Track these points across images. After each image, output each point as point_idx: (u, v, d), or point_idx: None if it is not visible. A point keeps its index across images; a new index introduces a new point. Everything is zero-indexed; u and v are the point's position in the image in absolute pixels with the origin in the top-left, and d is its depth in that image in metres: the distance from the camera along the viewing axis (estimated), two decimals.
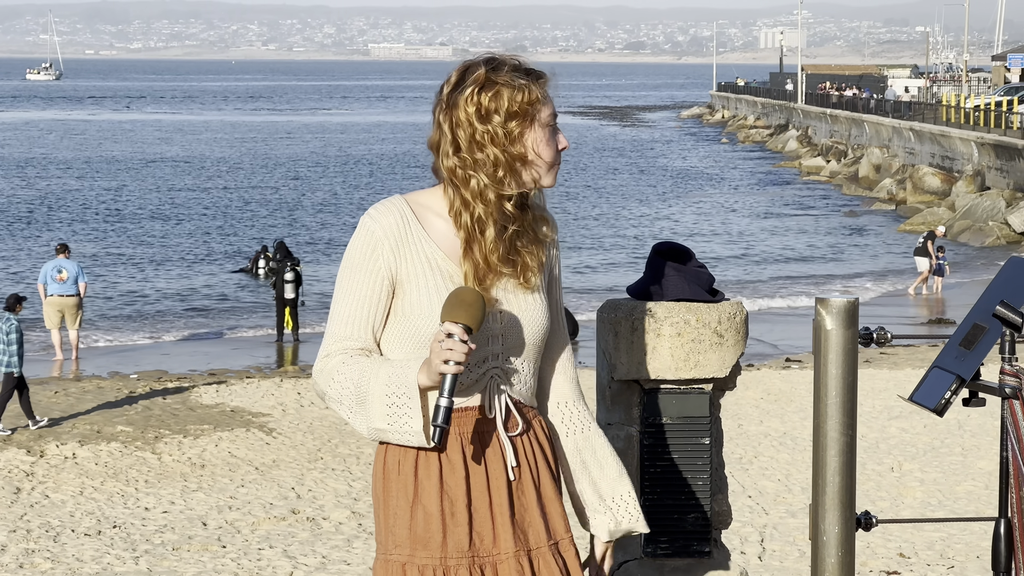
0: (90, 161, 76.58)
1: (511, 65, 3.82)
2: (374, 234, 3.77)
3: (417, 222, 3.80)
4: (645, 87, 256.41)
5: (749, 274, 37.59)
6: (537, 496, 3.85)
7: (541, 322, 3.87)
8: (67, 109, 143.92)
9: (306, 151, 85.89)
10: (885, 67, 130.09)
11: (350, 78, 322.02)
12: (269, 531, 13.43)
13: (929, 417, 17.89)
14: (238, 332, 29.12)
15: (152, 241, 43.82)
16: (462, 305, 3.54)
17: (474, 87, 3.77)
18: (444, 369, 3.53)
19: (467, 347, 3.52)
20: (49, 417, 18.45)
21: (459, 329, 3.52)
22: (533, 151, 3.77)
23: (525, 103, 3.77)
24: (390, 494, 3.81)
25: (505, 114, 3.76)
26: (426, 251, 3.78)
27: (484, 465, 3.80)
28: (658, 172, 70.92)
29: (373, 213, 3.81)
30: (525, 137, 3.77)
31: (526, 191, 3.84)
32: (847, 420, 4.67)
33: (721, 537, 4.85)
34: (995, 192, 45.73)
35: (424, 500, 3.76)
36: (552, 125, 3.81)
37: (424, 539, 3.76)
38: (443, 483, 3.77)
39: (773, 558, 12.29)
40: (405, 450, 3.78)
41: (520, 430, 3.83)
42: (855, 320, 4.62)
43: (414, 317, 3.76)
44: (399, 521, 3.79)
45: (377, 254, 3.77)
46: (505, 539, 3.79)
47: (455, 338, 3.53)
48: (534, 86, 3.79)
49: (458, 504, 3.76)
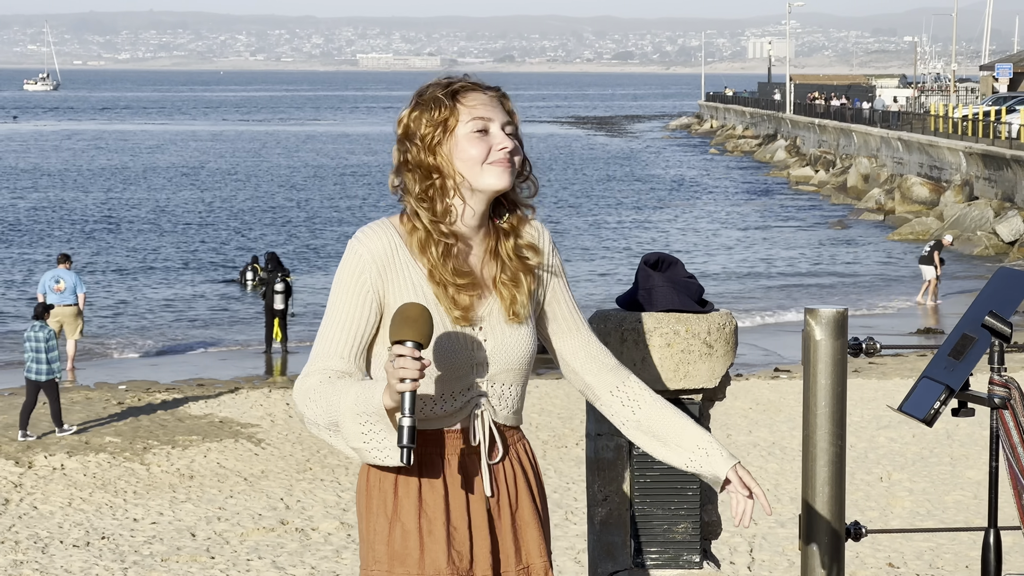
0: (84, 171, 76.52)
1: (443, 82, 3.89)
2: (361, 258, 3.80)
3: (404, 246, 3.83)
4: (633, 97, 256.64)
5: (737, 284, 37.59)
6: (512, 521, 3.87)
7: (527, 349, 3.88)
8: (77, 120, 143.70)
9: (298, 162, 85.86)
10: (873, 77, 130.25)
11: (339, 88, 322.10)
12: (258, 542, 13.40)
13: (918, 427, 17.88)
14: (227, 343, 29.08)
15: (142, 251, 43.76)
16: (407, 322, 3.53)
17: (406, 110, 3.89)
18: (401, 387, 3.52)
19: (420, 363, 3.51)
20: (39, 431, 18.42)
21: (408, 348, 3.51)
22: (461, 159, 3.80)
23: (435, 118, 3.82)
24: (371, 511, 3.85)
25: (423, 131, 3.83)
26: (412, 276, 3.81)
27: (464, 486, 3.82)
28: (646, 182, 70.95)
29: (361, 237, 3.84)
30: (445, 150, 3.81)
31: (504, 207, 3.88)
32: (836, 430, 4.68)
33: (711, 547, 4.85)
34: (983, 202, 45.80)
35: (403, 517, 3.79)
36: (484, 130, 3.82)
37: (402, 556, 3.78)
38: (422, 501, 3.79)
39: (762, 568, 12.29)
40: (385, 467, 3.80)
41: (500, 458, 3.86)
42: (844, 330, 4.63)
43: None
44: (378, 537, 3.82)
45: (364, 277, 3.79)
46: (482, 562, 3.82)
47: (406, 356, 3.51)
48: (452, 100, 3.83)
49: (436, 522, 3.78)
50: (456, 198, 3.84)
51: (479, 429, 3.82)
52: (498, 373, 3.84)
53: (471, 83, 3.88)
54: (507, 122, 3.86)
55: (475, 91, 3.85)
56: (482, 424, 3.82)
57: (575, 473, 15.77)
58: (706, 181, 71.36)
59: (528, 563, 3.88)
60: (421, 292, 3.79)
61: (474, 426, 3.82)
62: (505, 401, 3.87)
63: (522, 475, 3.90)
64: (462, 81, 3.88)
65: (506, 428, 3.89)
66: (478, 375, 3.82)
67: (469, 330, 3.81)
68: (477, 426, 3.82)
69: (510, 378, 3.87)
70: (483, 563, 3.82)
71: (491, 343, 3.83)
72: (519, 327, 3.86)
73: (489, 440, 3.84)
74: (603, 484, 4.74)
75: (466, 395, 3.81)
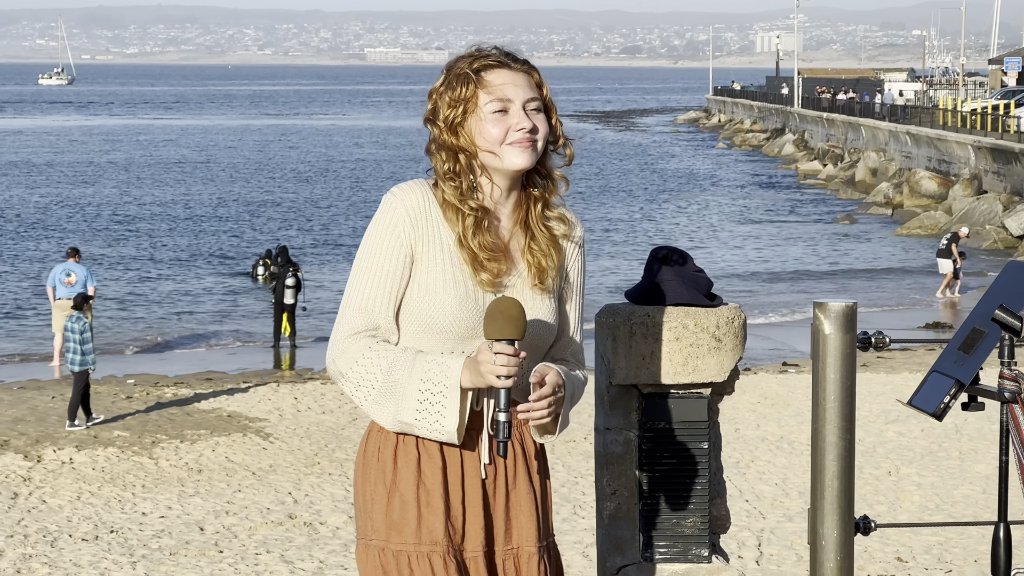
0: (100, 165, 76.66)
1: (471, 56, 3.88)
2: (396, 211, 3.81)
3: (437, 205, 3.84)
4: (641, 91, 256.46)
5: (745, 278, 37.56)
6: (506, 502, 3.87)
7: (548, 324, 3.88)
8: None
9: (311, 156, 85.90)
10: (882, 71, 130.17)
11: (347, 83, 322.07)
12: (266, 536, 13.41)
13: (927, 421, 17.88)
14: (235, 337, 29.08)
15: (153, 245, 43.79)
16: (509, 320, 3.60)
17: (435, 83, 3.89)
18: (502, 384, 3.59)
19: (519, 359, 3.60)
20: (45, 422, 18.44)
21: (511, 347, 3.59)
22: (483, 139, 3.81)
23: (456, 97, 3.82)
24: (368, 480, 3.85)
25: (447, 110, 3.83)
26: (440, 232, 3.82)
27: (461, 460, 3.82)
28: (655, 176, 70.91)
29: (396, 191, 3.85)
30: (468, 129, 3.82)
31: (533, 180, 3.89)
32: (845, 424, 4.67)
33: (720, 541, 4.85)
34: (992, 196, 45.74)
35: (401, 487, 3.80)
36: (504, 110, 3.81)
37: (399, 525, 3.79)
38: (420, 472, 3.80)
39: (771, 562, 12.28)
40: (385, 437, 3.81)
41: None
42: (853, 324, 4.62)
43: (422, 300, 3.79)
44: (376, 506, 3.83)
45: (399, 231, 3.80)
46: (474, 537, 3.82)
47: (508, 355, 3.59)
48: (475, 78, 3.82)
49: (434, 494, 3.79)
50: (483, 176, 3.85)
51: (487, 399, 3.82)
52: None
53: (497, 59, 3.86)
54: (531, 99, 3.85)
55: (500, 68, 3.84)
56: (490, 394, 3.82)
57: (583, 467, 15.76)
58: (714, 175, 71.33)
59: (517, 545, 3.87)
60: (450, 253, 3.80)
61: (482, 396, 3.82)
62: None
63: (522, 457, 3.89)
64: (488, 57, 3.86)
65: (514, 407, 3.85)
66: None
67: (488, 293, 3.81)
68: (485, 396, 3.82)
69: (529, 353, 3.84)
70: (475, 539, 3.82)
71: None
72: (544, 298, 3.87)
73: (492, 414, 3.83)
74: (612, 478, 4.74)
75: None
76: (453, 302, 3.77)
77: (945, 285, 33.38)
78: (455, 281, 3.78)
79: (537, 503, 3.91)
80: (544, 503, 3.95)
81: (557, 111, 3.94)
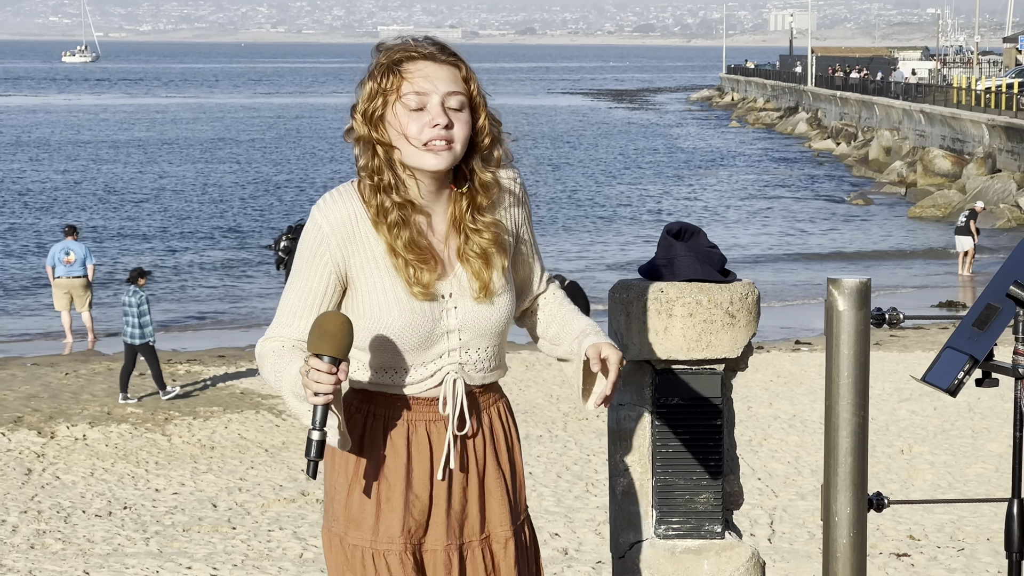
0: (122, 143, 76.76)
1: (391, 46, 3.74)
2: (321, 229, 3.69)
3: (366, 215, 3.69)
4: (655, 69, 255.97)
5: (760, 255, 37.53)
6: (480, 489, 3.81)
7: (502, 317, 3.78)
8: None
9: (331, 133, 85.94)
10: (895, 49, 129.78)
11: (362, 60, 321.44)
12: (279, 513, 13.44)
13: (939, 400, 17.86)
14: (248, 314, 29.11)
15: (170, 222, 43.86)
16: (324, 336, 3.46)
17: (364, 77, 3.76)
18: (314, 400, 3.49)
19: (333, 377, 3.46)
20: (58, 399, 18.49)
21: (323, 363, 3.46)
22: (397, 134, 3.65)
23: (373, 92, 3.67)
24: (334, 469, 3.83)
25: (363, 105, 3.69)
26: (373, 248, 3.69)
27: (430, 452, 3.76)
28: (668, 153, 70.81)
29: (322, 206, 3.72)
30: (383, 124, 3.66)
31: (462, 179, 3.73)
32: (859, 400, 4.66)
33: (733, 518, 4.84)
34: (1006, 174, 45.63)
35: (362, 481, 3.75)
36: (420, 107, 3.64)
37: (358, 520, 3.75)
38: (384, 467, 3.74)
39: (783, 540, 12.28)
40: (351, 426, 3.76)
41: (468, 432, 3.78)
42: (867, 301, 4.61)
43: (367, 318, 3.71)
44: (337, 498, 3.80)
45: (323, 249, 3.69)
46: (436, 532, 3.76)
47: (321, 372, 3.46)
48: (393, 71, 3.67)
49: (395, 490, 3.73)
50: (406, 172, 3.69)
51: (449, 400, 3.74)
52: (472, 339, 3.76)
53: (422, 50, 3.69)
54: (452, 93, 3.65)
55: (423, 60, 3.67)
56: (452, 395, 3.75)
57: (595, 445, 15.77)
58: (728, 152, 71.21)
59: (489, 531, 3.83)
60: (383, 264, 3.68)
61: (445, 396, 3.74)
62: (481, 364, 3.79)
63: (491, 443, 3.83)
64: (413, 48, 3.69)
65: (481, 392, 3.81)
66: (449, 343, 3.74)
67: (435, 302, 3.71)
68: (448, 397, 3.74)
69: (485, 342, 3.78)
70: (437, 533, 3.76)
71: (461, 312, 3.74)
72: (488, 303, 3.76)
73: (459, 412, 3.76)
74: (625, 454, 4.74)
75: (437, 363, 3.74)
76: (398, 320, 3.67)
77: (970, 262, 33.25)
78: (396, 298, 3.67)
79: (507, 484, 3.85)
80: (514, 481, 3.88)
81: (487, 107, 3.75)
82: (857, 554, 4.72)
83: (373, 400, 3.77)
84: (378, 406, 3.76)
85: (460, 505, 3.78)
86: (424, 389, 3.74)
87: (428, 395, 3.75)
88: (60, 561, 11.74)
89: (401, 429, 3.75)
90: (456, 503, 3.78)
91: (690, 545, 4.72)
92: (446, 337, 3.73)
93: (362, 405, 3.77)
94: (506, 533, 3.84)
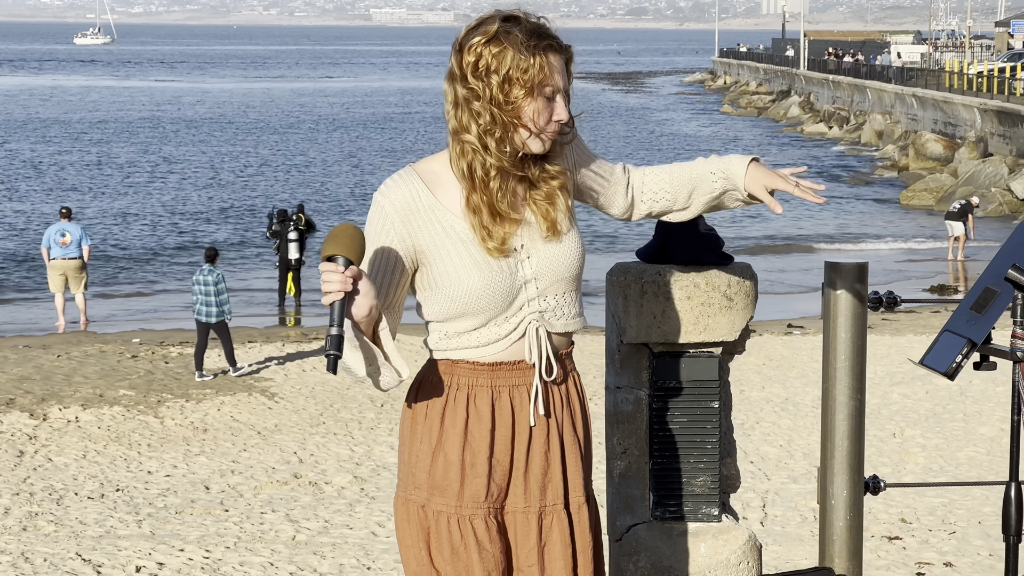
0: (116, 123, 76.71)
1: (529, 28, 3.78)
2: (383, 209, 3.81)
3: (428, 191, 3.81)
4: (648, 52, 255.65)
5: (756, 239, 37.54)
6: (561, 453, 3.90)
7: (574, 259, 3.89)
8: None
9: (328, 114, 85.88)
10: (888, 33, 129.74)
11: (354, 43, 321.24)
12: (271, 495, 13.43)
13: (931, 383, 17.88)
14: (240, 296, 29.08)
15: (162, 207, 43.82)
16: (334, 239, 3.58)
17: (482, 38, 3.76)
18: (327, 299, 3.57)
19: (342, 276, 3.54)
20: (51, 381, 18.47)
21: (332, 264, 3.57)
22: (527, 118, 3.76)
23: (523, 71, 3.73)
24: (415, 437, 3.88)
25: (503, 76, 3.73)
26: (440, 218, 3.80)
27: (512, 418, 3.84)
28: (662, 137, 70.81)
29: (384, 189, 3.84)
30: (519, 104, 3.75)
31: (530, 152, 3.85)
32: (856, 384, 4.66)
33: (730, 501, 4.84)
34: (998, 159, 45.63)
35: (447, 448, 3.83)
36: (552, 97, 3.77)
37: (442, 486, 3.82)
38: (467, 433, 3.82)
39: (775, 523, 12.30)
40: (434, 396, 3.85)
41: (556, 378, 3.87)
42: (865, 284, 4.61)
43: (446, 287, 3.80)
44: (420, 465, 3.85)
45: (388, 228, 3.80)
46: (516, 495, 3.86)
47: (331, 272, 3.56)
48: (539, 56, 3.74)
49: (479, 455, 3.82)
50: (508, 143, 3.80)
51: (534, 347, 3.84)
52: (549, 286, 3.86)
53: (553, 41, 3.80)
54: (567, 88, 3.83)
55: (553, 53, 3.79)
56: (537, 341, 3.84)
57: None
58: (722, 135, 71.17)
59: (568, 496, 3.91)
60: (452, 232, 3.79)
61: (529, 345, 3.84)
62: (562, 310, 3.89)
63: (568, 409, 3.92)
64: (548, 38, 3.79)
65: (562, 351, 3.90)
66: (528, 293, 3.84)
67: (509, 257, 3.81)
68: (532, 345, 3.84)
69: (562, 287, 3.88)
70: (515, 496, 3.86)
71: (535, 260, 3.84)
72: (559, 242, 3.87)
73: (545, 360, 3.85)
74: (622, 437, 4.73)
75: (519, 315, 3.83)
76: (478, 282, 3.77)
77: (962, 247, 33.24)
78: (474, 262, 3.78)
79: (581, 450, 3.94)
80: (588, 448, 3.98)
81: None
82: (853, 537, 4.73)
83: (456, 370, 3.85)
84: (461, 376, 3.84)
85: (541, 469, 3.86)
86: (508, 345, 3.83)
87: (511, 357, 3.84)
88: (52, 543, 11.74)
89: (485, 396, 3.83)
90: (536, 467, 3.86)
91: (687, 528, 4.72)
92: (524, 288, 3.82)
93: (445, 375, 3.86)
94: (580, 498, 3.92)
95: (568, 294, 3.89)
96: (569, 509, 3.90)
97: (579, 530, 3.91)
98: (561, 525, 3.88)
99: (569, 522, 3.90)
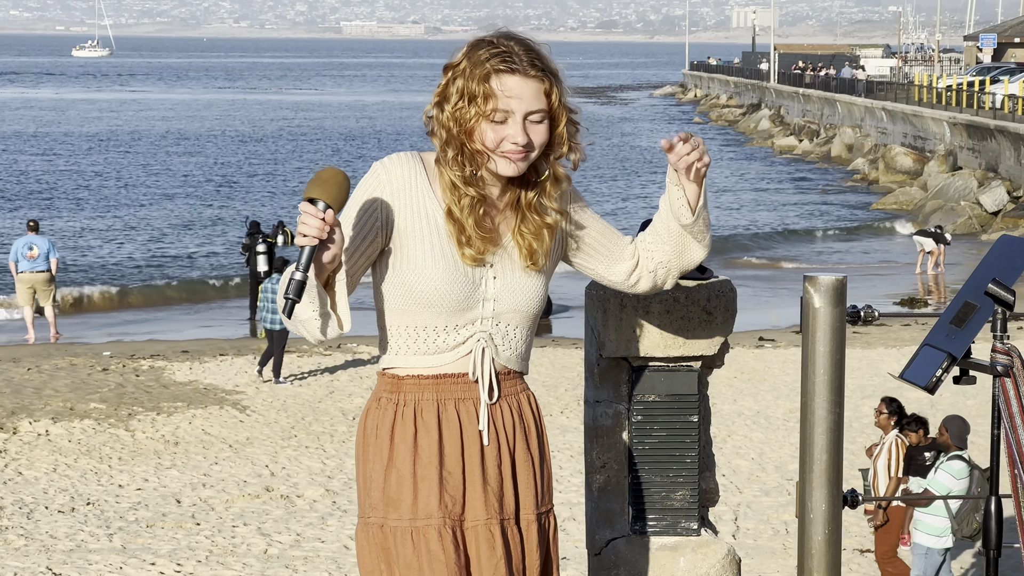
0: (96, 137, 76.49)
1: (494, 52, 3.81)
2: (379, 178, 3.84)
3: (426, 177, 3.86)
4: (618, 66, 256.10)
5: (733, 252, 37.62)
6: (512, 467, 3.90)
7: (535, 297, 3.92)
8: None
9: (303, 127, 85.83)
10: (857, 47, 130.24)
11: (324, 56, 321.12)
12: (243, 508, 13.39)
13: (902, 396, 17.91)
14: (211, 309, 29.00)
15: (136, 218, 43.71)
16: (317, 182, 3.59)
17: (451, 62, 3.84)
18: (301, 242, 3.57)
19: (320, 220, 3.54)
20: (21, 394, 18.38)
21: (312, 207, 3.56)
22: (478, 139, 3.79)
23: (471, 94, 3.77)
24: (368, 458, 3.89)
25: (456, 98, 3.79)
26: (427, 205, 3.83)
27: (460, 430, 3.85)
28: (633, 151, 70.91)
29: (386, 161, 3.88)
30: (471, 126, 3.79)
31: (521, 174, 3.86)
32: (835, 397, 4.66)
33: (709, 515, 4.84)
34: (967, 172, 45.80)
35: (398, 463, 3.84)
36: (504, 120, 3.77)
37: (396, 501, 3.83)
38: (417, 447, 3.84)
39: (747, 536, 12.31)
40: (383, 414, 3.87)
41: (497, 398, 3.88)
42: (843, 298, 4.61)
43: (408, 272, 3.82)
44: (374, 484, 3.87)
45: (375, 194, 3.83)
46: (475, 506, 3.86)
47: (309, 214, 3.55)
48: (489, 82, 3.77)
49: (430, 467, 3.82)
50: (483, 168, 3.83)
51: (478, 364, 3.85)
52: (504, 312, 3.87)
53: (513, 64, 3.79)
54: (534, 111, 3.80)
55: (513, 74, 3.78)
56: (482, 360, 3.85)
57: (559, 441, 15.77)
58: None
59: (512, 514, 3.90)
60: (434, 223, 3.82)
61: (475, 362, 3.85)
62: (509, 342, 3.90)
63: (520, 424, 3.92)
64: (506, 58, 3.80)
65: (508, 375, 3.91)
66: (484, 311, 3.85)
67: (479, 268, 3.84)
68: (477, 361, 3.85)
69: (516, 320, 3.90)
70: (475, 509, 3.85)
71: (500, 282, 3.86)
72: (532, 276, 3.90)
73: (488, 380, 3.86)
74: (601, 451, 4.72)
75: (469, 330, 3.85)
76: (442, 276, 3.79)
77: (922, 261, 33.36)
78: (443, 255, 3.80)
79: (535, 469, 3.94)
80: (542, 468, 3.97)
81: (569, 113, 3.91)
82: (832, 551, 4.72)
83: (402, 386, 3.87)
84: (407, 391, 3.86)
85: (496, 482, 3.87)
86: (455, 359, 3.85)
87: (456, 369, 3.86)
88: (23, 557, 11.68)
89: (431, 409, 3.85)
90: (492, 479, 3.87)
91: (666, 542, 4.71)
92: (481, 304, 3.84)
93: (392, 394, 3.87)
94: (530, 516, 3.93)
95: (520, 329, 3.91)
96: (520, 526, 3.91)
97: (528, 547, 3.91)
98: (515, 539, 3.89)
99: (520, 539, 3.91)
